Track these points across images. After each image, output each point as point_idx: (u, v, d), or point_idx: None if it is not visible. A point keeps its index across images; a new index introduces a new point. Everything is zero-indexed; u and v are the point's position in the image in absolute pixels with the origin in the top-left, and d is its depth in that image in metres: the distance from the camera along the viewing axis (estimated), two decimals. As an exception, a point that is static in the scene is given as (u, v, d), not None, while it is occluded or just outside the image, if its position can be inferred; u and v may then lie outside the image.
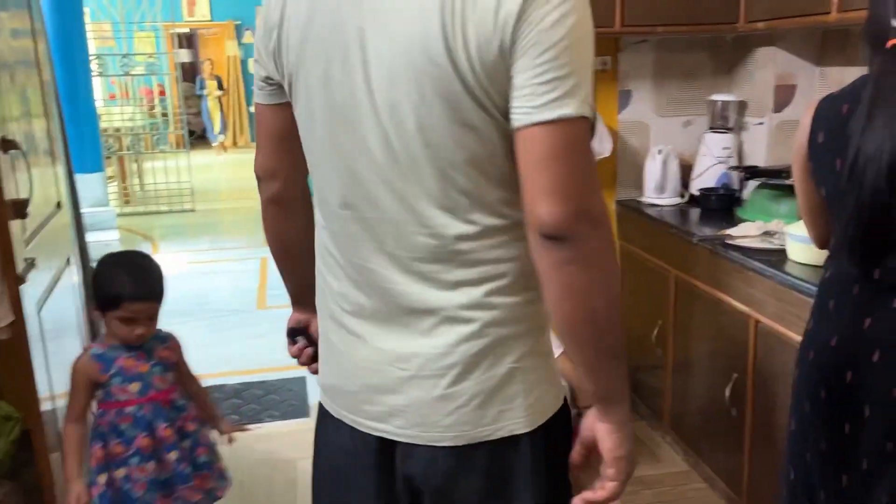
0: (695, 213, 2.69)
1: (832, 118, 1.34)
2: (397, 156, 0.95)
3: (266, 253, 2.00)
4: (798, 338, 1.52)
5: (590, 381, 0.98)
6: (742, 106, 2.79)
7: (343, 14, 0.94)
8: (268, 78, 1.07)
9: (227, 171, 10.46)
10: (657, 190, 2.78)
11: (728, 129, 2.75)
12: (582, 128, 0.89)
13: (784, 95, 2.66)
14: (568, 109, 0.87)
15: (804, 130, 1.40)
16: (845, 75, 2.50)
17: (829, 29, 2.50)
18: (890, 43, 1.25)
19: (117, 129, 7.56)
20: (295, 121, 1.06)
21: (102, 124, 6.95)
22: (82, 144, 5.38)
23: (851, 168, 1.26)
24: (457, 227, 0.96)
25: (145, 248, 6.06)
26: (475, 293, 0.98)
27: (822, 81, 2.62)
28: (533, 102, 0.88)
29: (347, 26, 0.94)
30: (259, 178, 1.17)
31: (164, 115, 8.78)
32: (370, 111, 0.94)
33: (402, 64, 0.91)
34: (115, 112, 7.78)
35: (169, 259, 5.50)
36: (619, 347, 0.97)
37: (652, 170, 2.78)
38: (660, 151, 2.76)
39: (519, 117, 0.89)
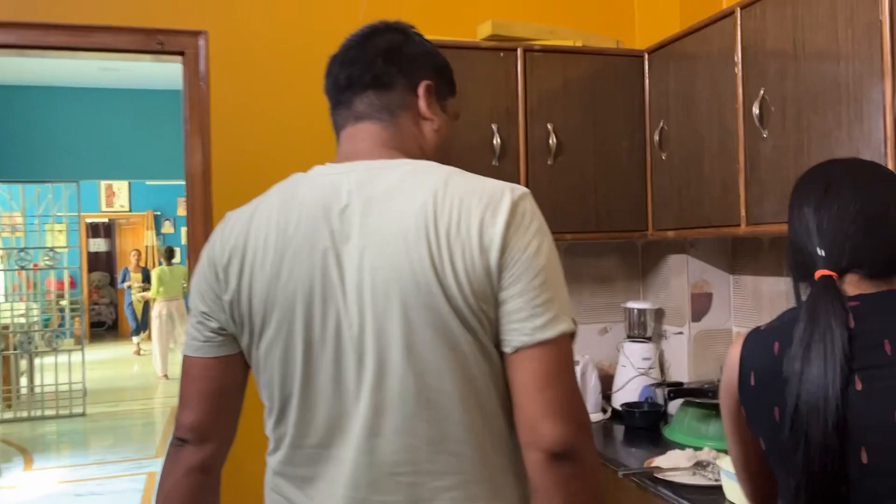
0: (619, 431, 2.44)
1: (763, 358, 1.14)
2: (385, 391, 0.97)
3: (157, 466, 1.61)
4: None
5: None
6: (660, 314, 2.66)
7: (317, 245, 0.98)
8: (220, 329, 1.05)
9: (138, 365, 9.81)
10: (577, 405, 2.54)
11: (647, 339, 2.59)
12: (571, 343, 0.97)
13: (701, 304, 2.54)
14: (563, 326, 0.95)
15: (732, 369, 1.19)
16: (760, 284, 2.41)
17: (739, 238, 2.45)
18: (818, 274, 1.10)
19: (6, 327, 6.98)
20: (239, 375, 1.07)
21: (-8, 321, 6.42)
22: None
23: (793, 420, 1.05)
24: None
25: (17, 463, 5.33)
26: None
27: (737, 290, 2.52)
28: (533, 323, 0.94)
29: (326, 260, 0.97)
30: (184, 442, 1.06)
31: (74, 306, 8.27)
32: (353, 341, 0.97)
33: (391, 291, 0.94)
34: (4, 308, 7.23)
35: (39, 479, 4.82)
36: None
37: (570, 383, 2.54)
38: (576, 362, 2.55)
39: (519, 338, 0.94)
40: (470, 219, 0.95)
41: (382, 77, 1.08)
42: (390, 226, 0.96)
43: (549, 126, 2.37)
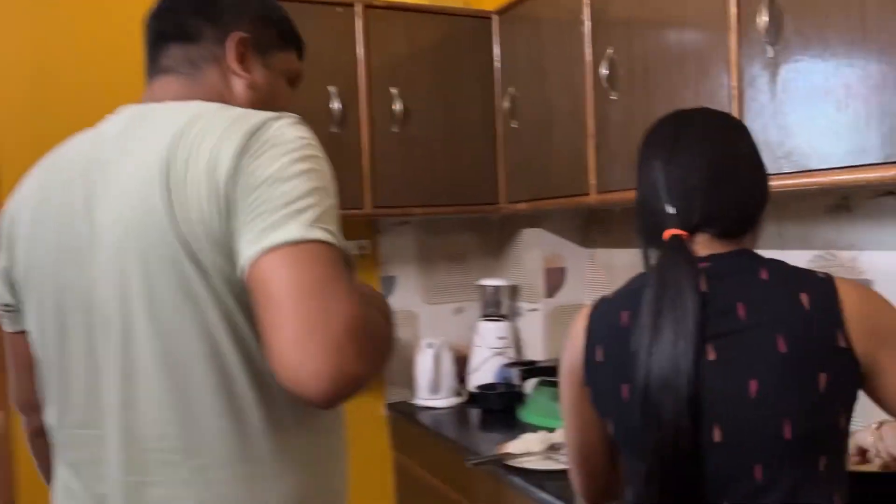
0: (475, 415, 2.32)
1: (610, 330, 1.02)
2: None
3: None
4: None
5: None
6: (514, 291, 2.55)
7: (70, 205, 0.91)
8: (6, 303, 1.01)
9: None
10: (431, 390, 2.39)
11: (502, 317, 2.48)
12: (324, 254, 0.79)
13: (555, 279, 2.46)
14: (311, 232, 0.79)
15: (576, 345, 1.06)
16: (614, 258, 2.35)
17: (593, 210, 2.38)
18: (667, 234, 0.98)
19: None
20: None
21: None
22: None
23: (643, 398, 0.93)
24: None
25: None
26: None
27: (591, 264, 2.46)
28: (263, 224, 0.79)
29: (75, 221, 0.90)
30: (21, 411, 1.08)
31: None
32: (101, 306, 0.88)
33: (130, 248, 0.85)
34: None
35: None
36: None
37: (423, 366, 2.39)
38: (430, 345, 2.40)
39: (248, 250, 0.79)
40: (201, 152, 0.82)
41: (187, 28, 1.00)
42: (132, 176, 0.86)
43: (394, 91, 2.18)
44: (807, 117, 1.31)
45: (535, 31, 2.12)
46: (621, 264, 2.31)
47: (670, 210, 0.98)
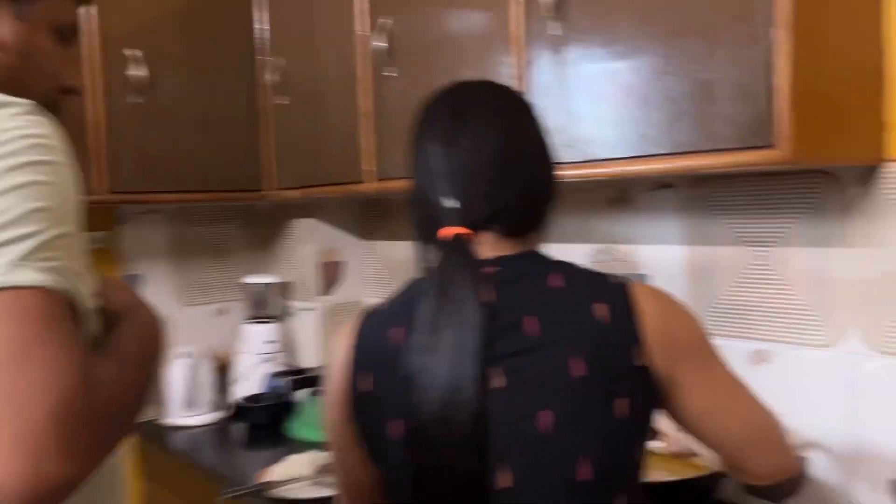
0: (239, 432, 2.03)
1: (379, 352, 0.82)
2: None
3: None
4: None
5: None
6: (285, 288, 2.29)
7: None
8: None
9: None
10: (186, 406, 2.06)
11: (271, 318, 2.21)
12: (31, 305, 0.60)
13: (332, 274, 2.23)
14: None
15: (339, 371, 0.85)
16: (396, 252, 2.18)
17: (372, 199, 2.19)
18: (447, 232, 0.79)
19: None
20: None
21: None
22: None
23: (416, 439, 0.74)
24: None
25: None
26: None
27: (370, 257, 2.27)
28: None
29: None
30: None
31: None
32: None
33: None
34: None
35: None
36: None
37: (176, 379, 2.06)
38: (185, 353, 2.07)
39: None
40: None
41: None
42: None
43: (135, 54, 1.82)
44: (591, 102, 1.21)
45: (303, -4, 1.88)
46: (404, 259, 2.15)
47: (451, 204, 0.80)
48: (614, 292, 0.78)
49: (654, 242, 1.50)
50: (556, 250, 0.85)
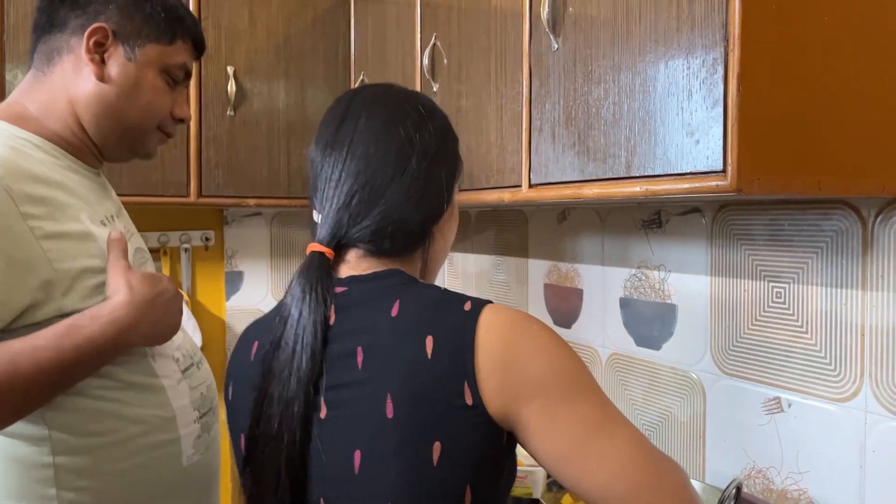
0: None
1: (241, 365, 0.85)
2: None
3: None
4: None
5: None
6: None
7: None
8: None
9: None
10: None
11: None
12: None
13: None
14: None
15: (225, 375, 0.90)
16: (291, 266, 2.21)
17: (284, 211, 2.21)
18: (310, 248, 0.81)
19: None
20: None
21: None
22: None
23: (248, 460, 0.77)
24: None
25: None
26: None
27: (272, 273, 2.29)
28: None
29: None
30: None
31: None
32: None
33: None
34: None
35: None
36: None
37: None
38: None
39: None
40: None
41: (53, 18, 0.96)
42: None
43: (230, 70, 2.01)
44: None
45: (380, 11, 1.95)
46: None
47: (317, 218, 0.81)
48: (455, 323, 0.72)
49: (683, 270, 1.39)
50: (595, 273, 0.79)
